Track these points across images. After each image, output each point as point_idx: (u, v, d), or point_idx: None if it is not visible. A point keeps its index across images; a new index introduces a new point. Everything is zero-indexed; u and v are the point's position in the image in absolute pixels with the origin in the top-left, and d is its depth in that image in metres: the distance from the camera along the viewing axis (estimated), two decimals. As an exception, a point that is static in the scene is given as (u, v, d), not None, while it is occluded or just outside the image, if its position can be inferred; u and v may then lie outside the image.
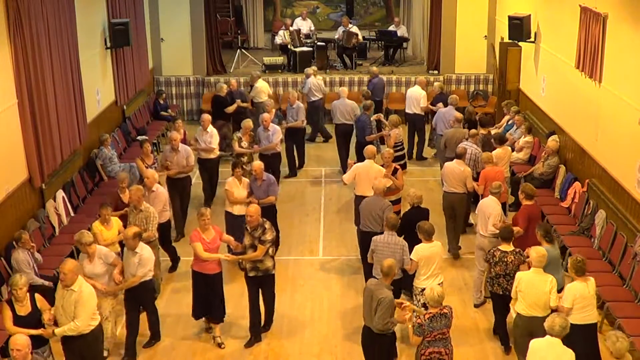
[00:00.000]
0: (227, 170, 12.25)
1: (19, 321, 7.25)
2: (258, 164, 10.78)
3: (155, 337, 9.03)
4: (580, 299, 7.67)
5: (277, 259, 10.64)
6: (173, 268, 10.88)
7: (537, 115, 14.50)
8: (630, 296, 9.09)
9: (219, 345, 8.98)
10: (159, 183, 10.71)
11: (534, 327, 7.64)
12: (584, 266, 7.76)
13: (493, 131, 13.35)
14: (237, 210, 10.51)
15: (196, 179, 13.58)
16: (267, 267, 8.86)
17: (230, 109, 15.01)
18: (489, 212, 9.61)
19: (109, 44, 14.62)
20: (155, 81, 18.37)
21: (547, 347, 6.75)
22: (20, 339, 6.61)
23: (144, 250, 8.51)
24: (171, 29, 18.06)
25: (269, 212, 10.25)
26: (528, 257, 8.35)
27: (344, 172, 13.92)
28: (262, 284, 8.99)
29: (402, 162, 12.89)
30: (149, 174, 10.46)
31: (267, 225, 8.78)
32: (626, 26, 10.14)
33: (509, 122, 14.39)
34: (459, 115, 13.35)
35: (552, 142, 12.57)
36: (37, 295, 7.51)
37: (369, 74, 16.91)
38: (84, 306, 7.27)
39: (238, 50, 19.86)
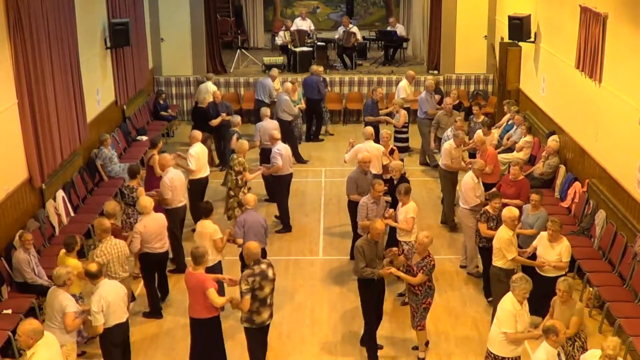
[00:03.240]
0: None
1: None
2: (252, 197, 9.84)
3: None
4: None
5: (278, 258, 10.71)
6: (153, 312, 9.71)
7: (537, 115, 14.50)
8: (630, 296, 9.09)
9: None
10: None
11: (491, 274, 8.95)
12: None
13: (494, 131, 13.66)
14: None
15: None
16: (241, 317, 8.04)
17: (215, 122, 14.45)
18: (464, 187, 10.52)
19: (109, 44, 14.62)
20: (155, 81, 18.37)
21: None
22: None
23: (94, 295, 7.60)
24: (171, 29, 18.06)
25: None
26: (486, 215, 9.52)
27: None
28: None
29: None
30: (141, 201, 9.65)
31: (245, 272, 7.78)
32: (626, 26, 10.14)
33: (509, 122, 14.40)
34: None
35: (552, 142, 12.57)
36: None
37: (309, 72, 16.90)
38: None
39: (238, 50, 19.85)
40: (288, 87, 15.28)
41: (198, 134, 12.08)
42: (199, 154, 11.68)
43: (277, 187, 12.32)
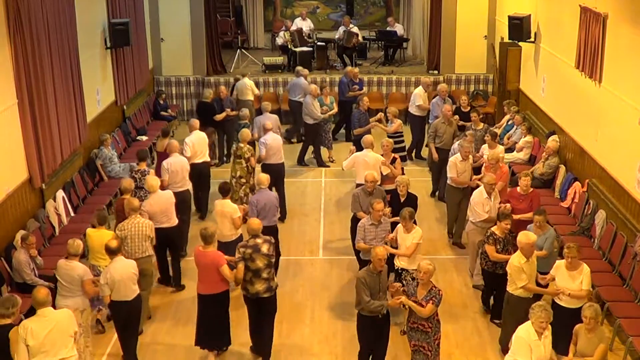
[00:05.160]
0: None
1: None
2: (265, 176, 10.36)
3: None
4: None
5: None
6: (176, 283, 10.38)
7: (537, 115, 14.50)
8: (630, 296, 9.09)
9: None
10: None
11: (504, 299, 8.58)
12: None
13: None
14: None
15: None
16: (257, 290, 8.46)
17: (220, 117, 14.67)
18: (472, 201, 10.15)
19: (109, 44, 14.62)
20: (155, 81, 18.38)
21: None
22: None
23: (105, 268, 8.33)
24: (171, 29, 18.06)
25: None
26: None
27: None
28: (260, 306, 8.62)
29: (402, 153, 13.27)
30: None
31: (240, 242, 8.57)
32: (626, 26, 10.14)
33: (509, 122, 14.40)
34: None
35: (552, 142, 12.57)
36: None
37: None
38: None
39: (238, 50, 19.87)
40: (312, 89, 15.03)
41: (196, 122, 12.74)
42: (193, 141, 12.30)
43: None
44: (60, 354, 6.98)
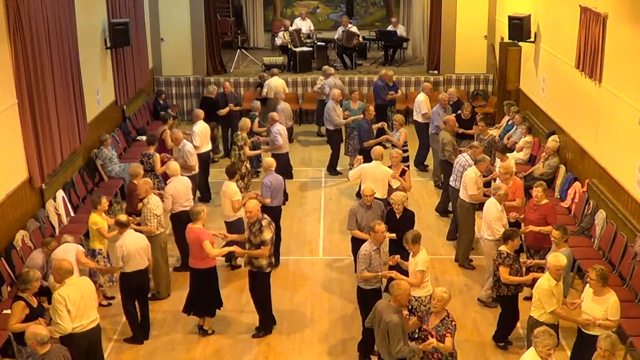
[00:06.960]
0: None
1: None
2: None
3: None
4: None
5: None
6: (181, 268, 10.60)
7: (537, 116, 14.50)
8: (631, 296, 9.08)
9: (207, 332, 9.15)
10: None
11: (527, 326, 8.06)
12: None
13: (493, 131, 13.43)
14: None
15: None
16: (261, 265, 8.90)
17: (223, 111, 15.06)
18: (488, 217, 9.55)
19: (109, 44, 14.63)
20: (155, 81, 18.38)
21: None
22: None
23: (118, 241, 8.84)
24: (171, 29, 18.07)
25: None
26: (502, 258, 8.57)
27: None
28: (253, 280, 9.10)
29: (406, 163, 12.62)
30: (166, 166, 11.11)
31: (265, 222, 8.80)
32: (626, 26, 10.14)
33: (509, 123, 14.40)
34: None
35: (552, 142, 12.58)
36: None
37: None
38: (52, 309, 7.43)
39: (238, 50, 19.87)
40: (334, 94, 14.61)
41: (200, 112, 13.35)
42: (201, 130, 12.96)
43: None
44: (91, 317, 7.59)
